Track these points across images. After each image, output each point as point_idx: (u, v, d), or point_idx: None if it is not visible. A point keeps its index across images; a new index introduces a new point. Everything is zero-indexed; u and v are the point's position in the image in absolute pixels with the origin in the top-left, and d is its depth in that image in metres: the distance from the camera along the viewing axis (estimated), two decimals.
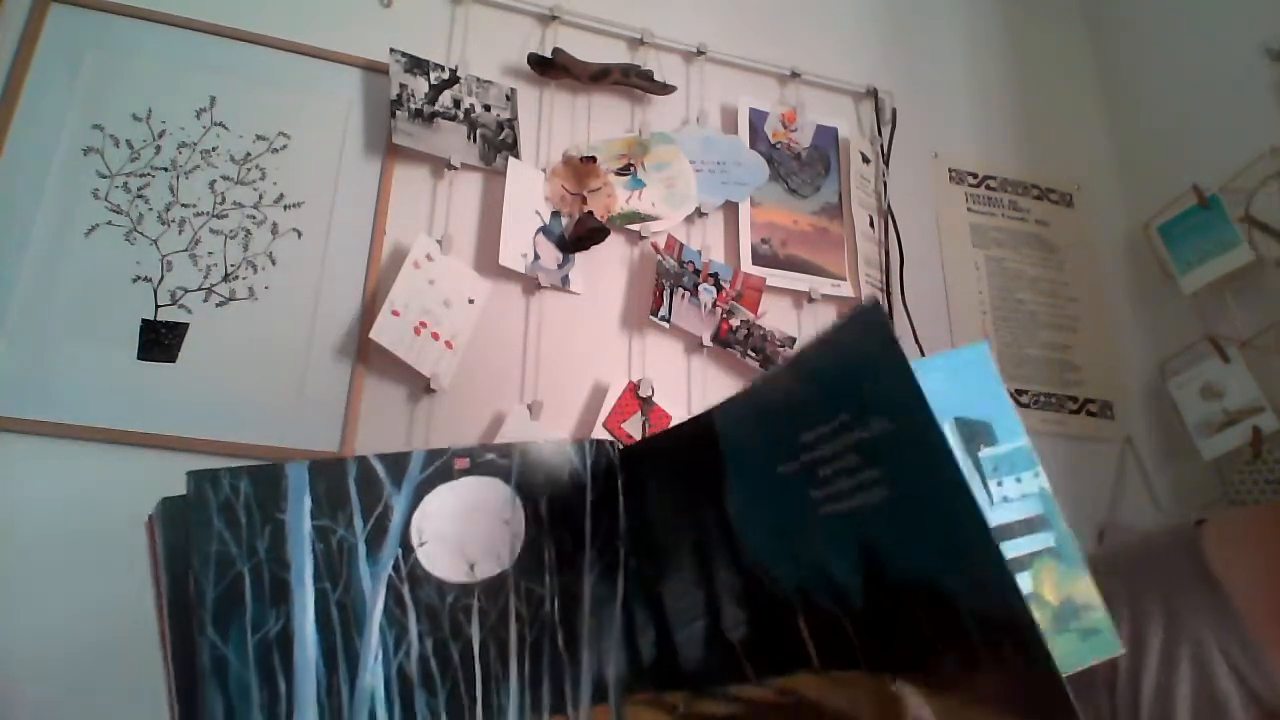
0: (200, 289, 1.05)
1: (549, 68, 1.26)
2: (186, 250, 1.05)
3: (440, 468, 0.42)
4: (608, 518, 0.44)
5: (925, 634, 0.35)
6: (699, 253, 1.24)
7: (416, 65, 1.18)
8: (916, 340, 1.32)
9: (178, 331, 1.02)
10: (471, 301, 1.12)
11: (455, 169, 1.17)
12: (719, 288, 1.22)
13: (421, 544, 0.41)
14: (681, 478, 0.44)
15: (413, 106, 1.16)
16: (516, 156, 1.20)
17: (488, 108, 1.21)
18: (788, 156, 1.37)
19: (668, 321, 1.18)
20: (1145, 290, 1.48)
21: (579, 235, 1.18)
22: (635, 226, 1.23)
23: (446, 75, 1.20)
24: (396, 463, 0.41)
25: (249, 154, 1.11)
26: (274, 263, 1.08)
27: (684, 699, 0.42)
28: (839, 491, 0.37)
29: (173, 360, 1.01)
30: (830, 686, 0.39)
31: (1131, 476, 1.37)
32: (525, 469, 0.43)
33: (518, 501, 0.43)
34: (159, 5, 1.12)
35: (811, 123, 1.40)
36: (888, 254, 1.38)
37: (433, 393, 1.08)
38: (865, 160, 1.42)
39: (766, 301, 1.24)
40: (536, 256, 1.16)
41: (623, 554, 0.44)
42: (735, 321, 1.22)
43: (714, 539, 0.42)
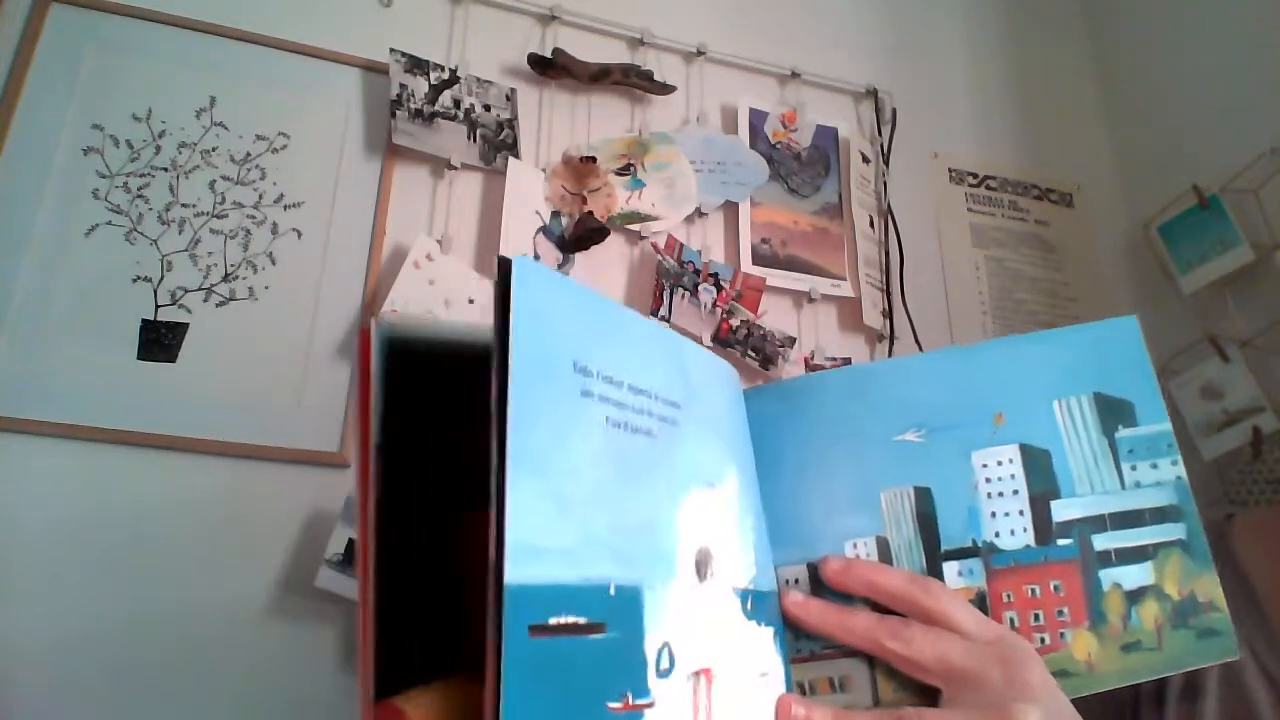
0: (200, 289, 1.05)
1: (549, 68, 1.26)
2: (186, 250, 1.05)
3: None
4: None
5: None
6: (699, 253, 1.23)
7: (416, 65, 1.18)
8: (916, 340, 1.32)
9: (178, 331, 1.02)
10: (472, 301, 1.12)
11: (455, 169, 1.17)
12: (719, 288, 1.22)
13: None
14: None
15: (413, 106, 1.16)
16: (516, 156, 1.20)
17: (488, 108, 1.21)
18: (788, 156, 1.37)
19: (667, 321, 1.18)
20: (1145, 290, 1.48)
21: (579, 235, 1.18)
22: (635, 226, 1.23)
23: (446, 75, 1.20)
24: None
25: (249, 154, 1.11)
26: (274, 263, 1.08)
27: None
28: None
29: (173, 360, 1.01)
30: None
31: None
32: None
33: None
34: (159, 5, 1.12)
35: (811, 123, 1.40)
36: (888, 254, 1.38)
37: None
38: (865, 160, 1.42)
39: (766, 301, 1.24)
40: (536, 256, 1.16)
41: None
42: (735, 321, 1.22)
43: None
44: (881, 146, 1.44)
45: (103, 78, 1.08)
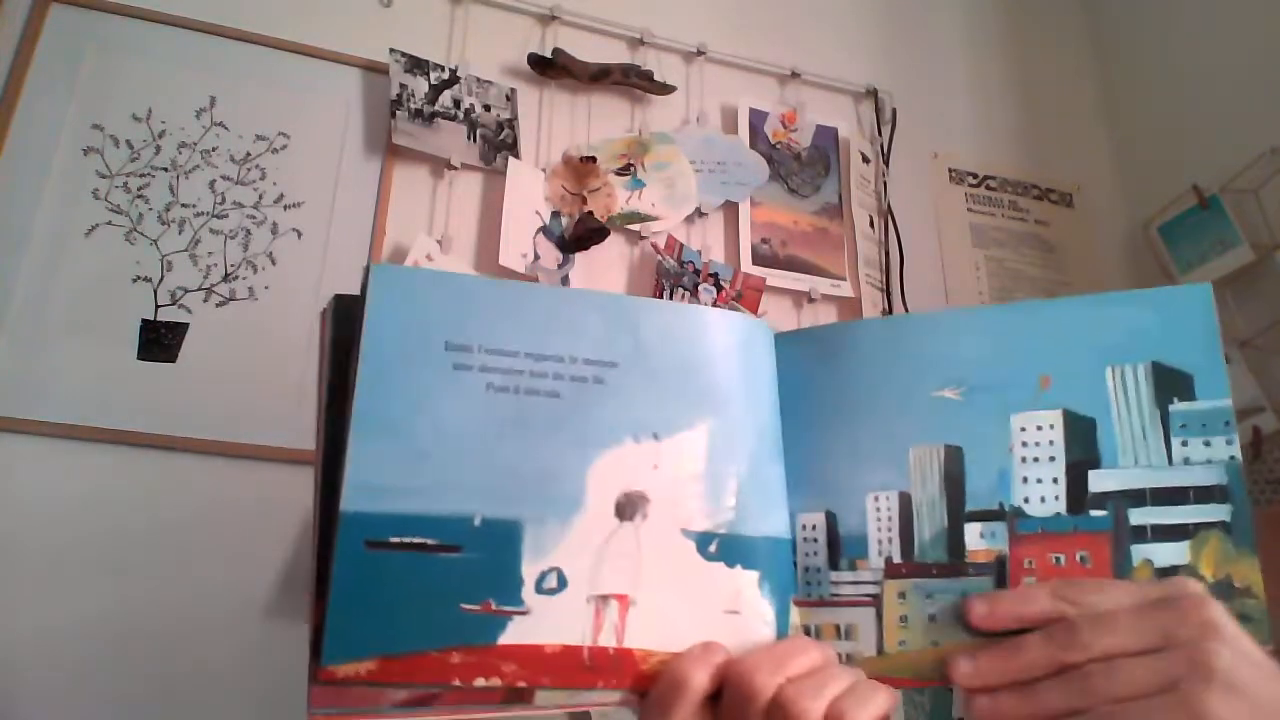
0: (200, 289, 1.05)
1: (549, 68, 1.26)
2: (186, 250, 1.05)
3: None
4: None
5: None
6: (699, 253, 1.24)
7: (416, 65, 1.18)
8: None
9: (178, 331, 1.02)
10: None
11: (455, 169, 1.17)
12: (719, 288, 1.22)
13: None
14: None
15: (413, 106, 1.16)
16: (516, 156, 1.20)
17: (488, 108, 1.21)
18: (788, 156, 1.37)
19: None
20: None
21: (579, 235, 1.18)
22: (635, 226, 1.23)
23: (446, 75, 1.20)
24: None
25: (249, 154, 1.11)
26: (274, 263, 1.08)
27: None
28: None
29: (173, 360, 1.01)
30: None
31: None
32: None
33: None
34: (159, 5, 1.12)
35: (811, 123, 1.40)
36: (888, 254, 1.38)
37: None
38: (865, 160, 1.42)
39: (766, 301, 1.24)
40: (536, 256, 1.16)
41: None
42: None
43: None
44: (881, 146, 1.44)
45: (103, 78, 1.08)
